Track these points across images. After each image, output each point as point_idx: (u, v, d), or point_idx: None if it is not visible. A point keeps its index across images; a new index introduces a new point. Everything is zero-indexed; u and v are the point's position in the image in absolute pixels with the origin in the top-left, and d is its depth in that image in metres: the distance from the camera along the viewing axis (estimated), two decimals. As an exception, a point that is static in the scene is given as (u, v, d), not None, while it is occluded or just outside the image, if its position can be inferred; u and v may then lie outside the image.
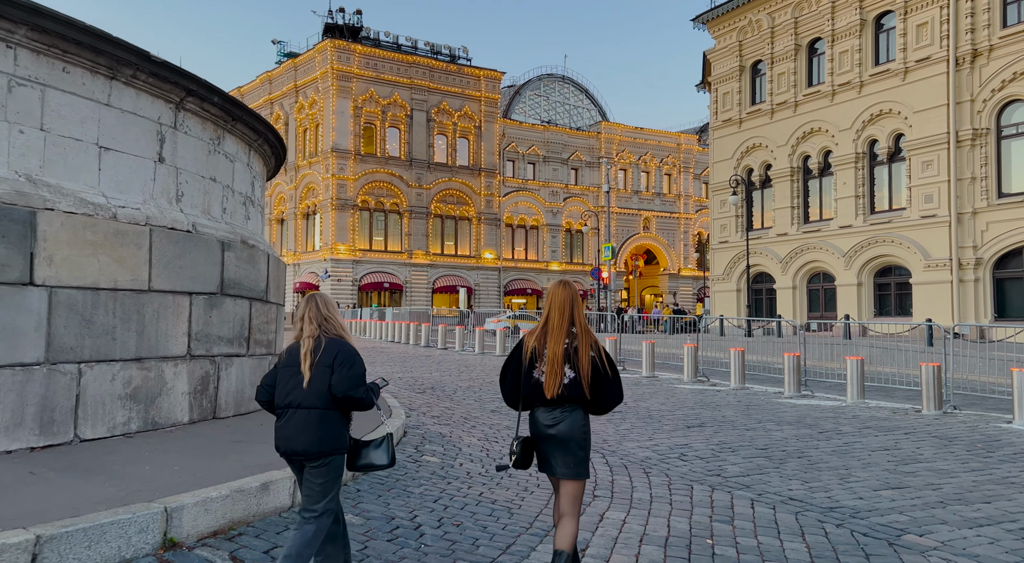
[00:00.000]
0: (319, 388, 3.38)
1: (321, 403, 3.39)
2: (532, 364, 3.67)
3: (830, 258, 30.44)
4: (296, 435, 3.38)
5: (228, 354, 6.46)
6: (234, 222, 6.87)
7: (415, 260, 52.54)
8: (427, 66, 52.97)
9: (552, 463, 3.65)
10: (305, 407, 3.38)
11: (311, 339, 3.45)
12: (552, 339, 3.65)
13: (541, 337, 3.70)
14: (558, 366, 3.60)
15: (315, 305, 3.57)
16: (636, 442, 8.43)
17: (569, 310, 3.72)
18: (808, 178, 32.10)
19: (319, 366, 3.39)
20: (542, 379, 3.62)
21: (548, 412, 3.63)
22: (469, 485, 6.01)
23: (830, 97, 30.62)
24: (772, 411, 11.15)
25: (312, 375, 3.39)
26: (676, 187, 64.73)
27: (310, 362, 3.40)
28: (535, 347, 3.68)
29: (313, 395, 3.38)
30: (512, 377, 3.74)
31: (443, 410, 10.55)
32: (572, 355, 3.63)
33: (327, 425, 3.40)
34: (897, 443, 8.58)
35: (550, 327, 3.70)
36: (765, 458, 7.64)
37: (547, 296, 3.85)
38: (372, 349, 22.77)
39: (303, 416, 3.37)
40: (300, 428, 3.37)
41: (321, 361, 3.39)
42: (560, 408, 3.62)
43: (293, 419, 3.39)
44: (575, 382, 3.60)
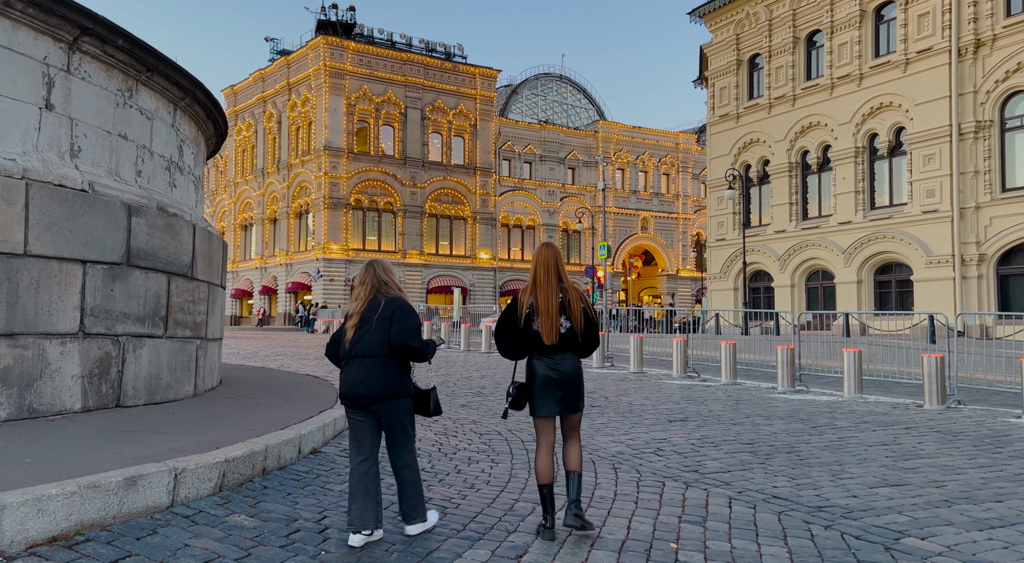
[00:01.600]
0: (379, 339, 3.81)
1: (382, 352, 3.82)
2: (530, 318, 4.06)
3: (829, 255, 29.65)
4: (360, 380, 3.82)
5: (137, 334, 5.70)
6: (152, 187, 6.11)
7: (409, 260, 51.78)
8: (422, 63, 52.30)
9: (555, 404, 4.11)
10: (369, 356, 3.81)
11: (366, 299, 3.91)
12: (544, 294, 4.05)
13: (534, 293, 4.08)
14: (554, 317, 4.04)
15: (373, 270, 4.00)
16: (610, 437, 7.66)
17: (555, 267, 4.15)
18: (807, 174, 31.33)
19: (379, 320, 3.82)
20: (538, 329, 4.04)
21: (546, 360, 4.07)
22: (404, 481, 5.23)
23: (829, 90, 29.86)
24: (763, 406, 10.38)
25: (372, 327, 3.82)
26: (674, 187, 63.98)
27: (367, 318, 3.84)
28: (531, 302, 4.07)
29: (375, 345, 3.81)
30: (510, 331, 4.10)
31: (407, 404, 9.77)
32: (567, 307, 4.09)
33: (389, 370, 3.83)
34: (897, 438, 7.81)
35: (539, 284, 4.09)
36: (750, 453, 6.87)
37: (534, 258, 4.21)
38: (354, 346, 22.05)
39: (366, 363, 3.82)
40: (363, 374, 3.81)
41: (381, 316, 3.82)
42: (558, 354, 4.07)
43: (357, 367, 3.82)
44: (570, 331, 4.08)
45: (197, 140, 7.22)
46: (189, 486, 4.00)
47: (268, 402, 6.74)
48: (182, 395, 6.30)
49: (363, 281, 4.03)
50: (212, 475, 4.13)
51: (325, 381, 9.68)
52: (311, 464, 5.11)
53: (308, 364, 15.66)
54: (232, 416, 5.79)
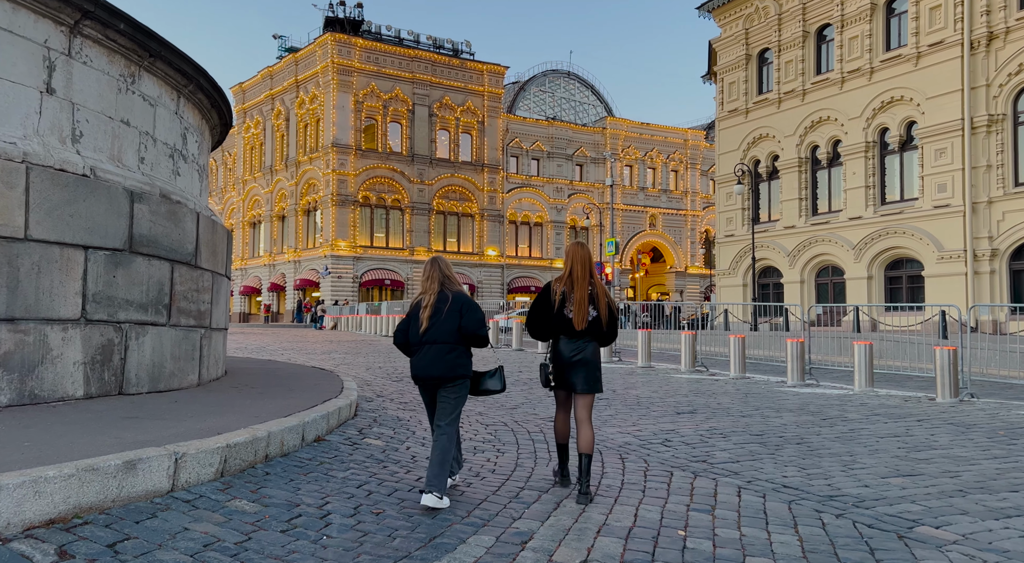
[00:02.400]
0: (450, 328, 4.31)
1: (452, 339, 4.33)
2: (562, 304, 4.69)
3: (839, 251, 29.43)
4: (434, 363, 4.31)
5: (140, 321, 5.64)
6: (155, 174, 6.06)
7: (417, 257, 51.77)
8: (429, 60, 52.25)
9: (574, 381, 4.68)
10: (440, 342, 4.30)
11: (435, 293, 4.39)
12: (578, 286, 4.68)
13: (569, 284, 4.70)
14: (584, 306, 4.65)
15: (438, 267, 4.49)
16: (617, 428, 7.58)
17: (588, 264, 4.76)
18: (816, 169, 31.10)
19: (449, 311, 4.32)
20: (569, 315, 4.67)
21: (571, 343, 4.68)
22: (408, 470, 5.17)
23: (839, 85, 29.62)
24: (772, 399, 10.27)
25: (444, 318, 4.32)
26: (683, 184, 63.72)
27: (438, 309, 4.34)
28: (564, 291, 4.70)
29: (446, 333, 4.31)
30: (542, 315, 4.73)
31: (415, 397, 9.72)
32: (595, 299, 4.72)
33: (457, 355, 4.35)
34: (909, 430, 7.69)
35: (575, 277, 4.71)
36: (759, 444, 6.77)
37: (569, 254, 4.82)
38: (361, 342, 22.01)
39: (438, 349, 4.29)
40: (437, 358, 4.29)
41: (451, 308, 4.33)
42: (582, 339, 4.69)
43: (430, 352, 4.31)
44: (596, 319, 4.71)
45: (201, 129, 7.16)
46: (190, 471, 3.95)
47: (272, 392, 6.69)
48: (186, 384, 6.26)
49: (430, 275, 4.50)
50: (213, 460, 4.08)
51: (331, 373, 9.64)
52: (314, 451, 5.06)
53: (315, 358, 15.64)
54: (235, 404, 5.75)
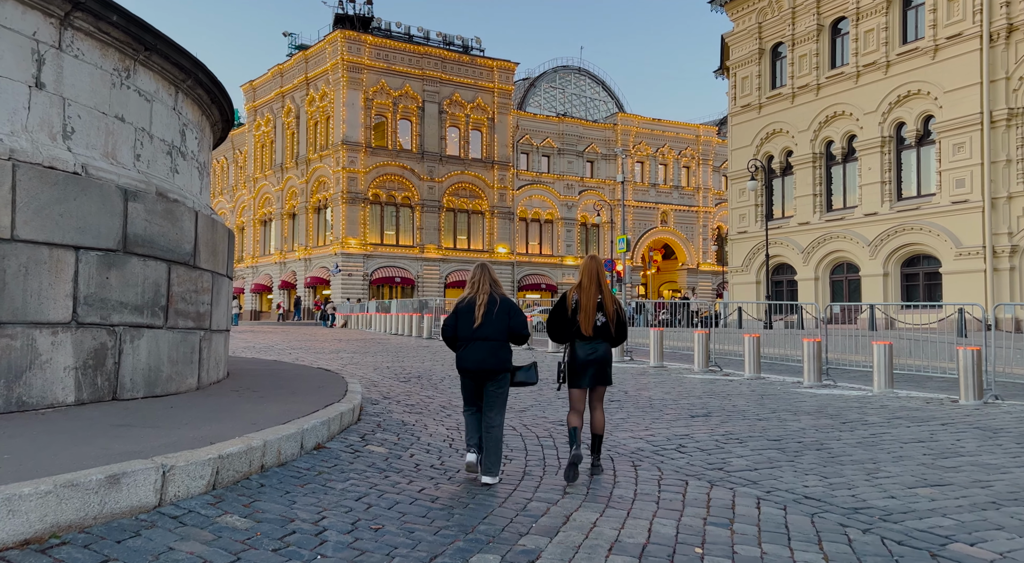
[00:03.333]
0: (500, 327, 4.96)
1: (502, 337, 4.98)
2: (575, 312, 5.32)
3: (854, 247, 28.98)
4: (486, 358, 4.93)
5: (135, 324, 5.44)
6: (152, 172, 5.85)
7: (427, 254, 51.64)
8: (439, 57, 52.04)
9: (588, 377, 5.33)
10: (491, 340, 4.93)
11: (486, 295, 5.01)
12: (586, 295, 5.30)
13: (579, 293, 5.34)
14: (591, 313, 5.29)
15: (487, 273, 5.13)
16: (629, 432, 7.34)
17: (597, 275, 5.37)
18: (831, 164, 30.65)
19: (499, 312, 4.95)
20: (580, 321, 5.29)
21: (585, 345, 5.33)
22: (411, 480, 4.94)
23: (854, 79, 29.15)
24: (789, 401, 9.99)
25: (494, 318, 4.95)
26: (695, 180, 63.23)
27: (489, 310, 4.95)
28: (576, 299, 5.34)
29: (496, 331, 4.95)
30: (558, 321, 5.40)
31: (421, 399, 9.52)
32: (603, 306, 5.33)
33: (505, 351, 5.01)
34: (933, 435, 7.40)
35: (583, 288, 5.33)
36: (778, 450, 6.51)
37: (582, 266, 5.45)
38: (370, 340, 21.83)
39: (489, 345, 4.92)
40: (490, 353, 4.92)
41: (500, 309, 4.96)
42: (595, 341, 5.31)
43: (480, 347, 4.92)
44: (605, 324, 5.33)
45: (201, 125, 6.95)
46: (179, 484, 3.75)
47: (274, 395, 6.50)
48: (184, 388, 6.06)
49: (481, 279, 5.13)
50: (204, 472, 3.87)
51: (336, 375, 9.45)
52: (314, 460, 4.85)
53: (322, 358, 15.47)
54: (233, 410, 5.55)
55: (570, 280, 57.44)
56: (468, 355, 5.01)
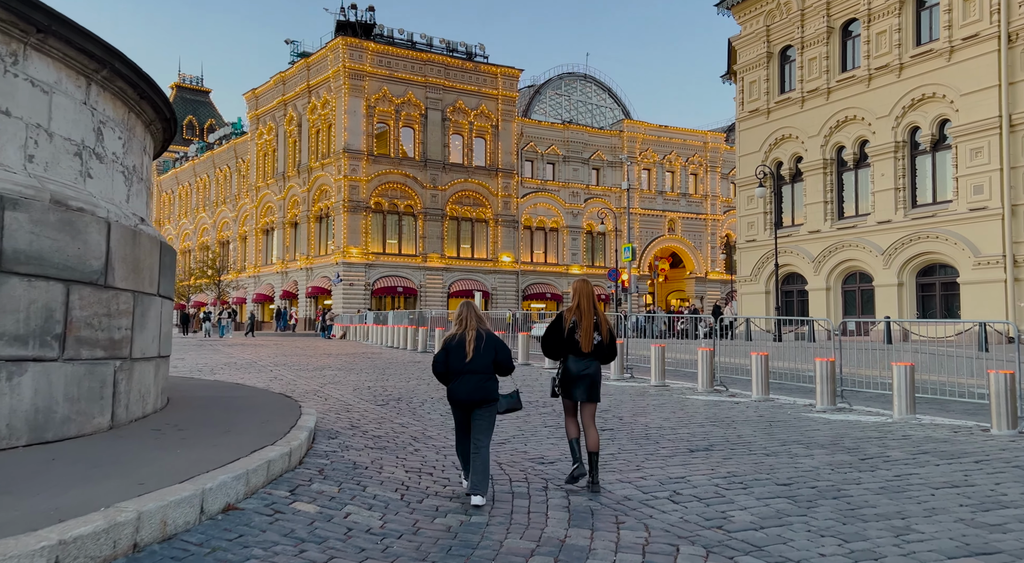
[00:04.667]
0: (487, 361, 5.40)
1: (489, 370, 5.42)
2: (572, 330, 5.79)
3: (867, 256, 27.94)
4: (476, 390, 5.34)
5: (15, 358, 4.54)
6: (51, 176, 5.00)
7: (430, 263, 50.83)
8: (442, 64, 51.37)
9: (580, 392, 5.80)
10: (479, 372, 5.36)
11: (474, 331, 5.44)
12: (585, 316, 5.80)
13: (578, 314, 5.81)
14: (590, 333, 5.79)
15: (473, 311, 5.55)
16: (618, 473, 6.42)
17: (592, 298, 5.91)
18: (842, 170, 29.65)
19: (486, 347, 5.40)
20: (579, 339, 5.77)
21: (579, 362, 5.79)
22: (331, 556, 3.99)
23: (866, 82, 28.18)
24: (800, 429, 9.04)
25: (482, 353, 5.38)
26: (703, 187, 62.21)
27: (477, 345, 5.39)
28: (574, 319, 5.81)
29: (484, 365, 5.39)
30: (555, 338, 5.84)
31: (393, 428, 8.64)
32: (599, 326, 5.87)
33: (492, 383, 5.44)
34: (968, 476, 6.44)
35: (582, 309, 5.83)
36: (788, 500, 5.58)
37: (576, 290, 5.94)
38: (361, 355, 20.96)
39: (477, 378, 5.34)
40: (478, 385, 5.33)
41: (487, 344, 5.42)
42: (588, 359, 5.80)
43: (471, 380, 5.33)
44: (600, 344, 5.86)
45: (128, 124, 6.11)
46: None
47: (201, 435, 5.62)
48: (89, 429, 5.19)
49: (468, 316, 5.50)
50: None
51: (294, 403, 8.56)
52: (213, 530, 3.93)
53: (303, 375, 14.62)
54: (137, 458, 4.67)
55: (576, 289, 56.39)
56: (459, 387, 5.39)
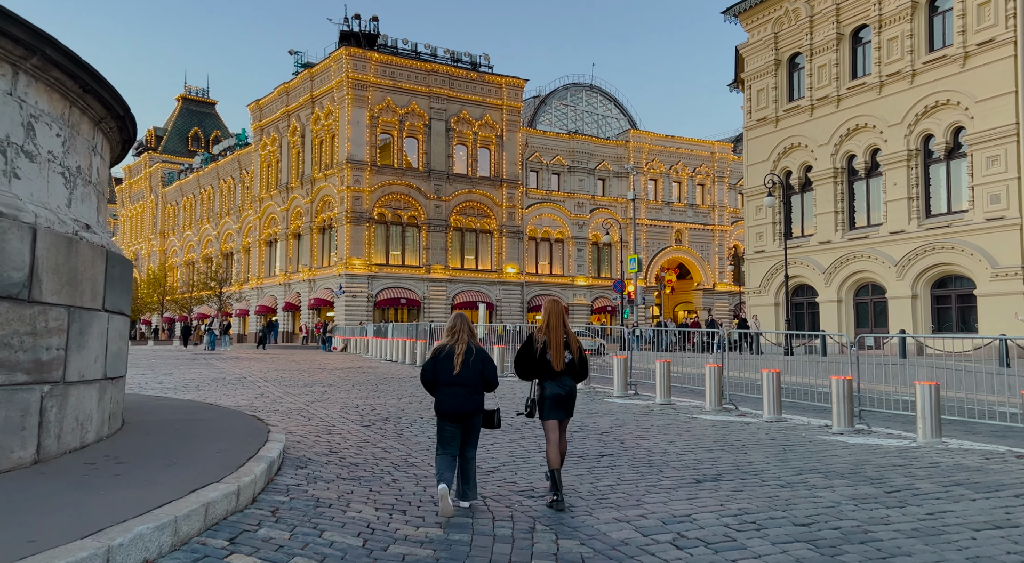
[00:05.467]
0: (476, 374, 5.63)
1: (477, 383, 5.65)
2: (544, 351, 5.98)
3: (880, 268, 27.17)
4: (465, 402, 5.56)
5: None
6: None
7: (433, 275, 50.24)
8: (446, 74, 51.01)
9: (556, 411, 6.00)
10: (468, 385, 5.59)
11: (464, 344, 5.67)
12: (554, 335, 6.00)
13: (547, 334, 6.03)
14: (561, 351, 5.98)
15: (466, 324, 5.81)
16: (615, 510, 5.72)
17: (561, 317, 6.13)
18: (853, 179, 28.93)
19: (475, 361, 5.64)
20: (550, 359, 5.97)
21: (554, 382, 5.99)
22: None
23: (877, 89, 27.51)
24: (817, 454, 8.32)
25: (471, 366, 5.61)
26: (710, 198, 61.52)
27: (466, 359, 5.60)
28: (545, 340, 6.00)
29: (472, 378, 5.62)
30: (527, 359, 6.04)
31: (373, 453, 7.99)
32: (569, 344, 6.05)
33: (479, 395, 5.68)
34: (1010, 514, 5.72)
35: (551, 328, 6.03)
36: (809, 545, 4.88)
37: (545, 309, 6.18)
38: (356, 369, 20.30)
39: (466, 390, 5.57)
40: (466, 397, 5.57)
41: (476, 358, 5.65)
42: (562, 378, 6.00)
43: (458, 392, 5.56)
44: (572, 362, 6.04)
45: (70, 120, 5.50)
46: None
47: (141, 469, 4.97)
48: (6, 465, 4.48)
49: (461, 328, 5.67)
50: None
51: (261, 426, 7.90)
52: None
53: (292, 391, 13.97)
54: (41, 505, 4.01)
55: (581, 300, 55.73)
56: (447, 399, 5.54)
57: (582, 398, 13.83)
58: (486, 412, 5.76)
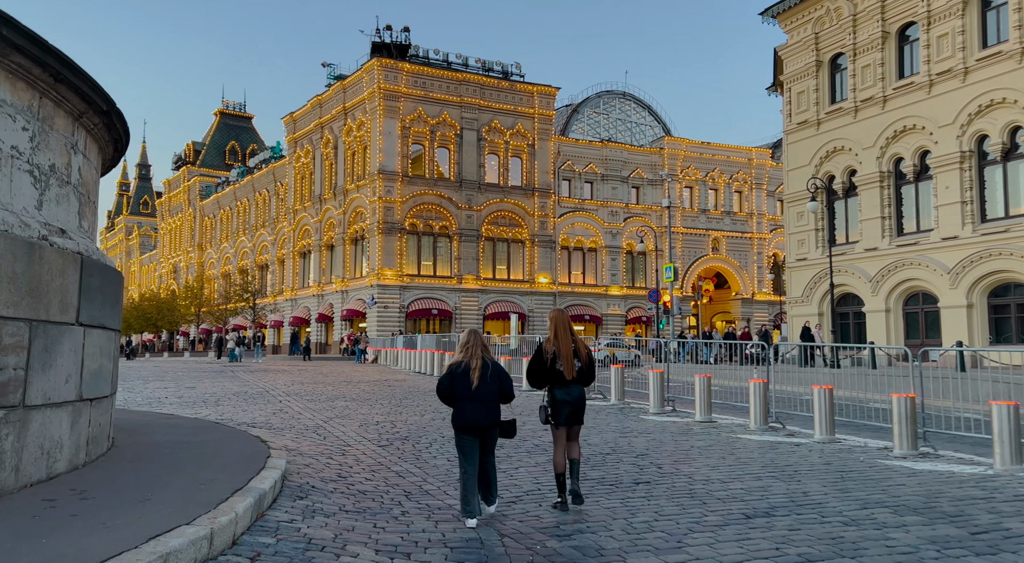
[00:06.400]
0: (493, 389, 5.77)
1: (495, 397, 5.80)
2: (554, 360, 6.16)
3: (931, 276, 25.77)
4: (483, 415, 5.71)
5: None
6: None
7: (465, 285, 49.71)
8: (478, 83, 50.67)
9: (569, 417, 6.17)
10: (486, 400, 5.73)
11: (479, 359, 5.78)
12: (563, 345, 6.16)
13: (556, 344, 6.17)
14: (571, 360, 6.14)
15: (479, 339, 5.90)
16: (653, 555, 4.94)
17: (568, 326, 6.28)
18: (901, 183, 27.59)
19: (492, 375, 5.75)
20: (561, 368, 6.14)
21: (565, 389, 6.17)
22: None
23: (927, 89, 26.21)
24: (881, 483, 7.40)
25: (488, 381, 5.74)
26: (748, 205, 60.05)
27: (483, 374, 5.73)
28: (554, 350, 6.17)
29: (491, 392, 5.76)
30: (539, 369, 6.21)
31: (386, 478, 7.32)
32: (578, 352, 6.23)
33: (498, 408, 5.82)
34: None
35: (560, 337, 6.18)
36: (889, 606, 4.02)
37: (552, 319, 6.29)
38: (382, 382, 19.71)
39: (485, 405, 5.72)
40: (485, 411, 5.71)
41: (492, 372, 5.77)
42: (572, 386, 6.17)
43: (478, 407, 5.69)
44: (581, 369, 6.22)
45: (40, 113, 4.95)
46: None
47: (105, 507, 4.35)
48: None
49: (474, 344, 5.84)
50: None
51: (264, 449, 7.27)
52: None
53: (312, 406, 13.39)
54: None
55: (615, 311, 54.67)
56: (467, 413, 5.67)
57: (616, 415, 13.01)
58: (503, 423, 5.90)
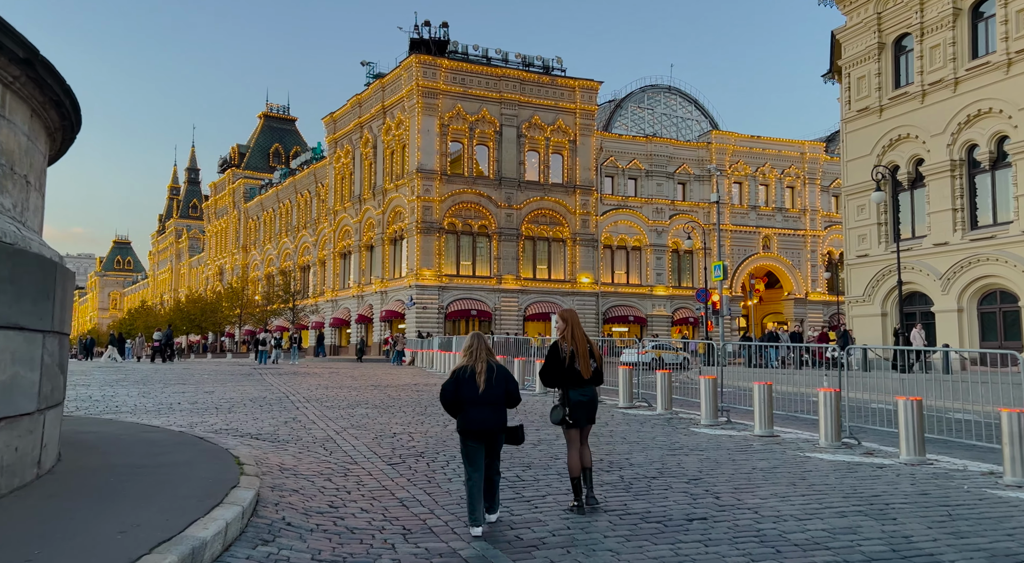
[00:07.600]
0: (499, 393, 5.69)
1: (501, 401, 5.72)
2: (572, 359, 6.19)
3: (1011, 272, 23.56)
4: (489, 419, 5.64)
5: None
6: None
7: (505, 285, 48.51)
8: (517, 79, 49.44)
9: (583, 417, 6.22)
10: (491, 403, 5.65)
11: (484, 363, 5.70)
12: (579, 344, 6.24)
13: (572, 343, 6.22)
14: (587, 360, 6.23)
15: (483, 343, 5.81)
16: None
17: (580, 325, 6.36)
18: (975, 173, 25.39)
19: (497, 379, 5.69)
20: (578, 367, 6.20)
21: (580, 389, 6.22)
22: None
23: (1004, 68, 24.02)
24: (1003, 524, 5.89)
25: (494, 384, 5.67)
26: (801, 201, 57.48)
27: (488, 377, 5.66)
28: (571, 350, 6.21)
29: (496, 396, 5.68)
30: (555, 368, 6.24)
31: (385, 509, 6.13)
32: (593, 352, 6.32)
33: (504, 412, 5.75)
34: None
35: (576, 337, 6.25)
36: None
37: (567, 318, 6.35)
38: (410, 387, 18.57)
39: (491, 409, 5.64)
40: (491, 415, 5.64)
41: (498, 376, 5.70)
42: (587, 386, 6.25)
43: (483, 411, 5.61)
44: (596, 369, 6.31)
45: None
46: None
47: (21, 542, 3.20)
48: None
49: (478, 348, 5.77)
50: None
51: (233, 477, 6.11)
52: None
53: (327, 416, 12.30)
54: None
55: (661, 311, 52.82)
56: (473, 417, 5.63)
57: (662, 427, 11.58)
58: (510, 429, 5.83)
